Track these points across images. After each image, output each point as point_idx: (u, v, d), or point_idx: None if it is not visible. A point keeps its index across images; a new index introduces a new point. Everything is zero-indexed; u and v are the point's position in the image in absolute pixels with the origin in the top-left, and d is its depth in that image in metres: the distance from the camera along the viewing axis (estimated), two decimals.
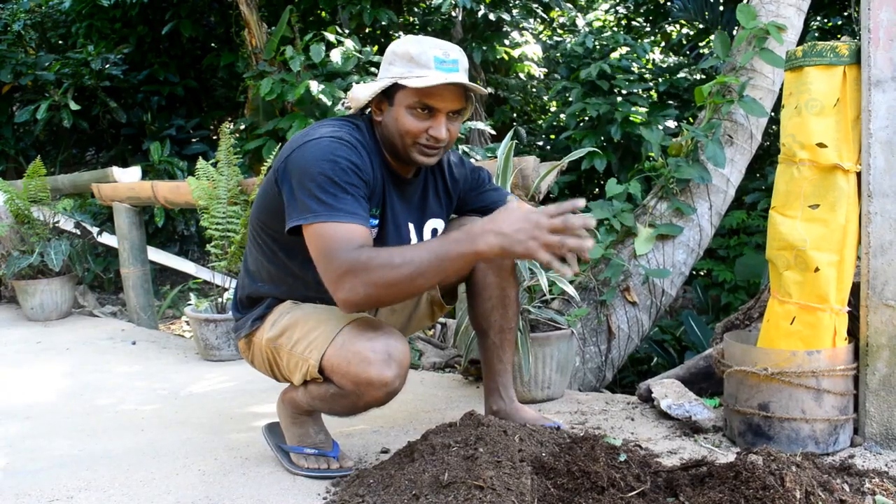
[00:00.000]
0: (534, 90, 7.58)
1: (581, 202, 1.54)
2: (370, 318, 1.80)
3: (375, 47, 6.78)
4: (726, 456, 1.92)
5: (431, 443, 1.71)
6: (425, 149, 1.74)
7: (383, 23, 6.25)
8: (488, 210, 2.01)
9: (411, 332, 2.25)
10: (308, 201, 1.62)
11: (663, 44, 8.01)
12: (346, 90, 5.17)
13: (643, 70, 6.39)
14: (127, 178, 4.52)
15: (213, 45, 7.42)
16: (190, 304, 3.60)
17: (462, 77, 1.71)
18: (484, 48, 6.35)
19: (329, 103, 5.04)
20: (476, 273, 2.01)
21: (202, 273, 4.97)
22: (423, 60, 1.68)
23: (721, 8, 6.23)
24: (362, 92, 1.77)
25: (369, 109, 1.82)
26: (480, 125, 5.55)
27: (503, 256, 1.57)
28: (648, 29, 7.94)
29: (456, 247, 1.53)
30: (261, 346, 1.88)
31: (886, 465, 1.83)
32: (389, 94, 1.73)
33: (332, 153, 1.65)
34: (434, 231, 1.96)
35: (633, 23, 8.15)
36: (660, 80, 6.19)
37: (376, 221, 1.80)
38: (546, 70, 7.50)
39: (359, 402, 1.71)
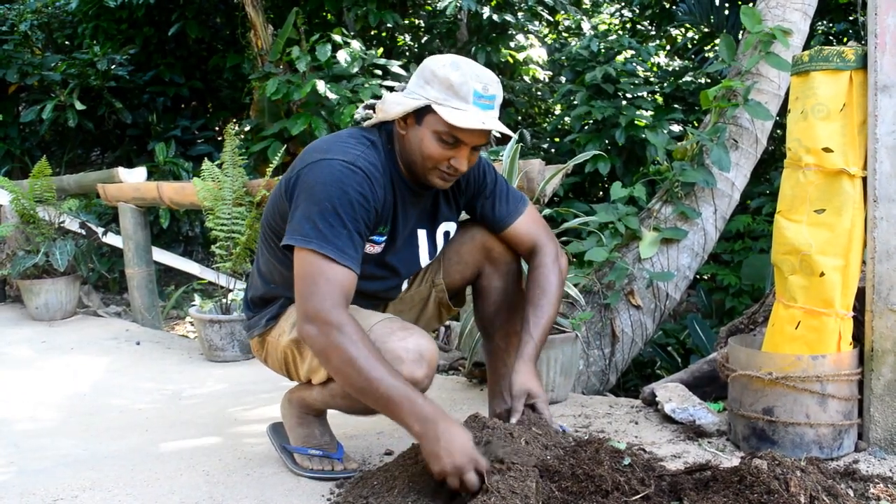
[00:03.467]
0: (538, 93, 7.57)
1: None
2: (397, 318, 1.80)
3: (381, 49, 6.78)
4: (730, 460, 1.92)
5: None
6: (445, 174, 1.74)
7: (388, 25, 6.26)
8: (495, 226, 1.97)
9: None
10: (304, 224, 1.64)
11: (668, 47, 8.00)
12: (351, 91, 5.17)
13: (648, 74, 6.38)
14: (132, 179, 4.53)
15: (218, 46, 7.43)
16: (194, 305, 3.60)
17: (495, 119, 1.70)
18: (489, 50, 6.35)
19: (335, 98, 5.04)
20: (482, 277, 2.01)
21: (207, 274, 4.97)
22: (463, 92, 1.66)
23: (727, 12, 6.22)
24: (394, 107, 1.73)
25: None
26: None
27: (420, 449, 1.60)
28: (654, 32, 7.94)
29: (402, 415, 1.57)
30: (277, 346, 1.87)
31: (891, 470, 1.83)
32: (420, 112, 1.71)
33: (342, 182, 1.65)
34: (446, 234, 1.96)
35: (639, 26, 8.14)
36: (665, 83, 6.18)
37: (382, 239, 1.80)
38: (551, 73, 7.49)
39: None
